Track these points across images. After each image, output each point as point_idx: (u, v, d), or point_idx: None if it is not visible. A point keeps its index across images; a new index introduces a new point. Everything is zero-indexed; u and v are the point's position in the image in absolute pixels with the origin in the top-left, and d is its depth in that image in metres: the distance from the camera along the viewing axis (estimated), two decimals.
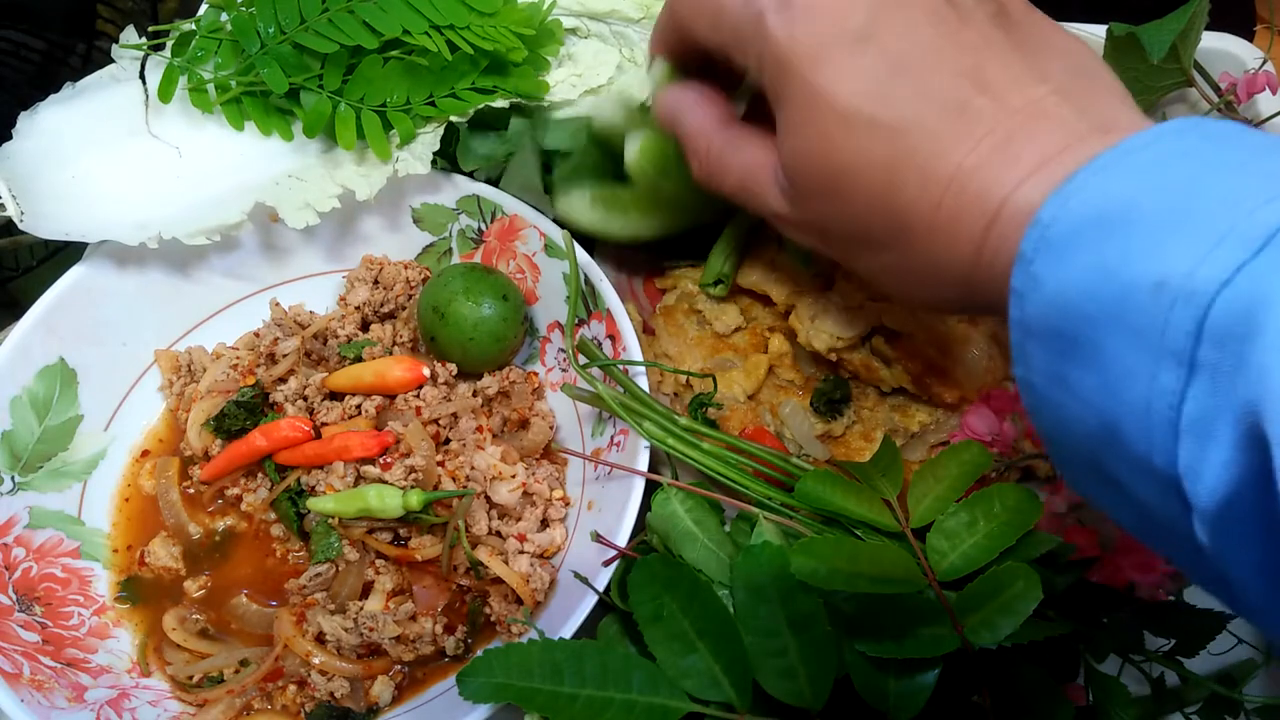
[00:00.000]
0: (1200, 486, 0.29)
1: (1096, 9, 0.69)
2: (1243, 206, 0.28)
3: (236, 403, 0.60)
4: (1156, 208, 0.31)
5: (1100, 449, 0.33)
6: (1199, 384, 0.28)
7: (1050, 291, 0.33)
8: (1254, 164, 0.31)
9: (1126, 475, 0.32)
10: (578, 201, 0.61)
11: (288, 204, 0.60)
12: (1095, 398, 0.32)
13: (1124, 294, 0.30)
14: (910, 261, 0.42)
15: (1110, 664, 0.48)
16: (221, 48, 0.61)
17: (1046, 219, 0.33)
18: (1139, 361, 0.30)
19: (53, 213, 0.58)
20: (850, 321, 0.59)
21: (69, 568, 0.58)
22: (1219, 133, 0.32)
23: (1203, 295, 0.28)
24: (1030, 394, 0.36)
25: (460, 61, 0.61)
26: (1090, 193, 0.33)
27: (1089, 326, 0.31)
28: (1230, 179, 0.30)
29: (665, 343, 0.64)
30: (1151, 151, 0.33)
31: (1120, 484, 0.33)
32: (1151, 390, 0.29)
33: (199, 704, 0.54)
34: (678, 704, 0.43)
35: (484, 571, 0.55)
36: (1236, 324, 0.27)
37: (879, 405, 0.62)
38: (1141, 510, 0.33)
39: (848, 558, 0.44)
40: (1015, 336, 0.35)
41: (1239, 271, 0.27)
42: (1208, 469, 0.28)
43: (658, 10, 0.65)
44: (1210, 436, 0.28)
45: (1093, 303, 0.31)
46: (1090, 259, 0.31)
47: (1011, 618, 0.42)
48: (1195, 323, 0.28)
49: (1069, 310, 0.32)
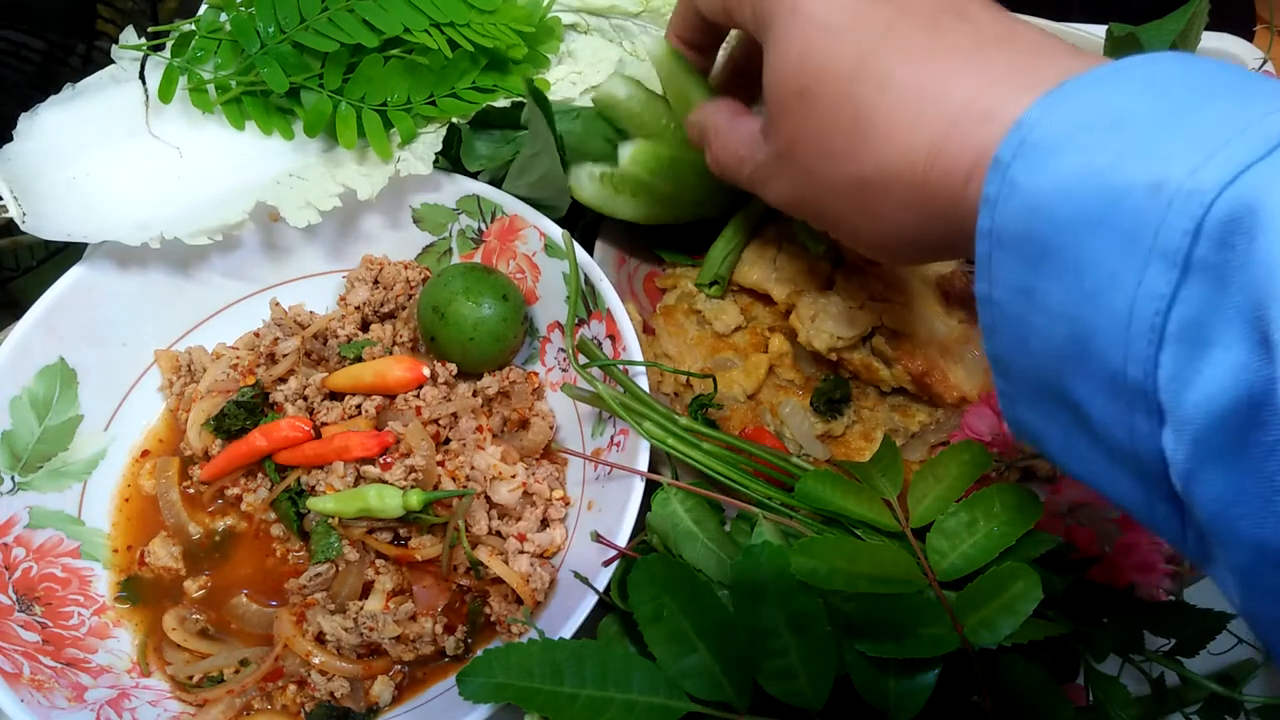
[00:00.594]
0: (1186, 396, 0.28)
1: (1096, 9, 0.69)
2: (1247, 116, 0.28)
3: (236, 403, 0.60)
4: (1155, 115, 0.30)
5: (1060, 367, 0.32)
6: (1193, 285, 0.27)
7: (1027, 196, 0.32)
8: (1251, 85, 0.30)
9: (1086, 395, 0.31)
10: (585, 178, 0.61)
11: (289, 203, 0.60)
12: (1066, 309, 0.31)
13: (1114, 196, 0.29)
14: (866, 172, 0.41)
15: (1110, 664, 0.48)
16: (221, 48, 0.61)
17: (1030, 121, 0.32)
18: (1124, 266, 0.29)
19: (54, 213, 0.58)
20: (851, 321, 0.59)
21: (69, 568, 0.58)
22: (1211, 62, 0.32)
23: (1205, 194, 0.27)
24: (991, 311, 0.35)
25: (460, 59, 0.61)
26: (1080, 100, 0.32)
27: (1068, 232, 0.30)
28: (1230, 94, 0.30)
29: (665, 343, 0.64)
30: (1147, 69, 0.32)
31: (1075, 406, 0.32)
32: (1136, 295, 0.28)
33: (199, 704, 0.54)
34: (678, 704, 0.43)
35: (484, 571, 0.55)
36: (1241, 221, 0.26)
37: (879, 405, 0.62)
38: (1091, 434, 0.32)
39: (848, 558, 0.44)
40: (981, 248, 0.34)
41: (1245, 172, 0.26)
42: (1199, 377, 0.27)
43: (656, 3, 0.65)
44: (1204, 342, 0.27)
45: (1075, 206, 0.30)
46: (1076, 162, 0.30)
47: (1011, 618, 0.42)
48: (1194, 221, 0.27)
49: (1046, 215, 0.31)
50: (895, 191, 0.40)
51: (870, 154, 0.40)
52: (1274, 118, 0.27)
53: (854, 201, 0.43)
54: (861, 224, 0.44)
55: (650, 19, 0.66)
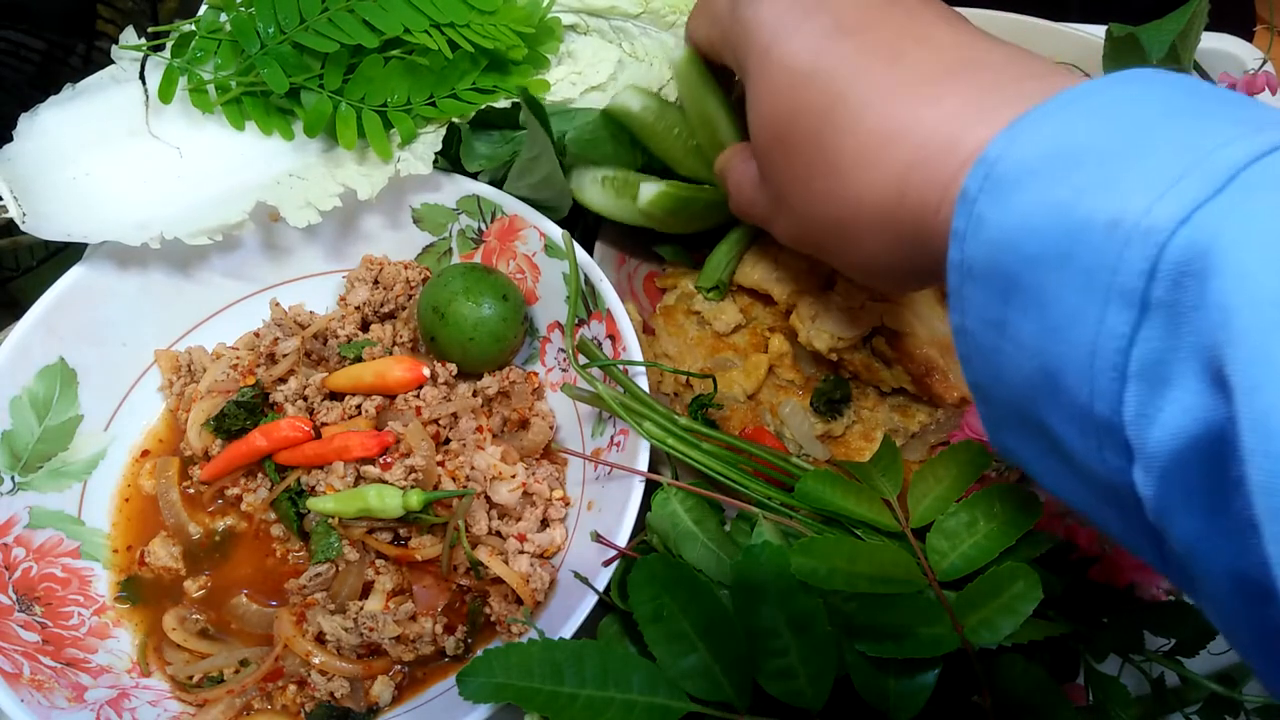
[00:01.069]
0: (1150, 434, 0.28)
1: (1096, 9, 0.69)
2: (1202, 147, 0.28)
3: (236, 403, 0.60)
4: (1112, 147, 0.30)
5: (1034, 398, 0.32)
6: (1151, 326, 0.27)
7: (993, 231, 0.32)
8: (1211, 110, 0.30)
9: (1060, 425, 0.31)
10: (588, 182, 0.61)
11: (289, 203, 0.60)
12: (1035, 342, 0.31)
13: (1074, 232, 0.29)
14: (844, 212, 0.42)
15: (1110, 664, 0.48)
16: (221, 48, 0.61)
17: (993, 156, 0.32)
18: (1086, 303, 0.29)
19: (54, 214, 0.58)
20: (851, 321, 0.59)
21: (69, 568, 0.58)
22: (1174, 81, 0.32)
23: (1159, 233, 0.27)
24: (965, 341, 0.35)
25: (460, 60, 0.61)
26: (1042, 131, 0.32)
27: (1033, 267, 0.30)
28: (1188, 122, 0.29)
29: (665, 343, 0.64)
30: (1106, 95, 0.32)
31: (1052, 435, 0.32)
32: (1098, 333, 0.28)
33: (199, 704, 0.54)
34: (678, 704, 0.43)
35: (484, 571, 0.55)
36: (1194, 262, 0.26)
37: (879, 405, 0.62)
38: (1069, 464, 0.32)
39: (848, 558, 0.44)
40: (953, 281, 0.34)
41: (1198, 210, 0.26)
42: (1161, 415, 0.27)
43: (656, 5, 0.65)
44: (1164, 381, 0.27)
45: (1039, 242, 0.30)
46: (1039, 197, 0.30)
47: (1011, 618, 0.42)
48: (1149, 262, 0.27)
49: (1012, 250, 0.31)
50: (873, 228, 0.41)
51: (844, 194, 0.41)
52: (1227, 150, 0.27)
53: (840, 240, 0.44)
54: (852, 258, 0.45)
55: (650, 20, 0.66)
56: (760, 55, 0.45)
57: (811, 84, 0.42)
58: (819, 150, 0.42)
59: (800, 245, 0.50)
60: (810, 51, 0.42)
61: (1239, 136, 0.27)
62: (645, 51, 0.66)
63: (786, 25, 0.44)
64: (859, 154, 0.40)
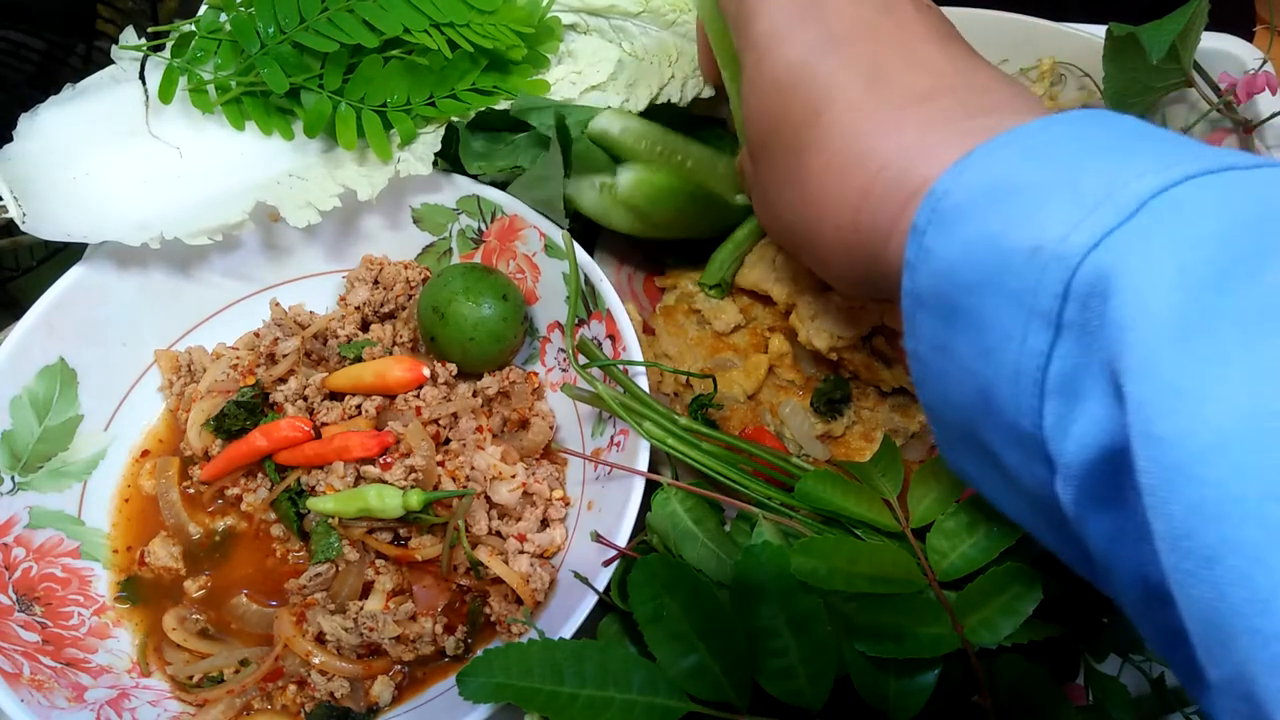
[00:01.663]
0: (1065, 445, 0.30)
1: (1096, 9, 0.69)
2: (1119, 180, 0.29)
3: (236, 403, 0.60)
4: (1041, 181, 0.32)
5: (975, 417, 0.34)
6: (1065, 343, 0.29)
7: (937, 261, 0.34)
8: (1138, 145, 0.32)
9: (997, 442, 0.34)
10: (585, 189, 0.61)
11: (289, 203, 0.60)
12: (972, 364, 0.33)
13: (1004, 260, 0.31)
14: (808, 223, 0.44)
15: (1110, 664, 0.48)
16: (221, 48, 0.61)
17: (940, 191, 0.34)
18: (1013, 324, 0.31)
19: (54, 214, 0.58)
20: (851, 321, 0.59)
21: (69, 568, 0.58)
22: (1112, 120, 0.34)
23: (1071, 258, 0.29)
24: (917, 365, 0.37)
25: (460, 60, 0.61)
26: (983, 167, 0.34)
27: (971, 294, 0.33)
28: (1113, 157, 0.31)
29: (665, 343, 0.64)
30: (1046, 134, 0.34)
31: (992, 452, 0.34)
32: (1022, 352, 0.30)
33: (199, 704, 0.54)
34: (678, 704, 0.43)
35: (484, 571, 0.55)
36: (1099, 283, 0.28)
37: (879, 405, 0.62)
38: (1009, 480, 0.34)
39: (848, 558, 0.44)
40: (906, 306, 0.36)
41: (1107, 236, 0.28)
42: (1074, 427, 0.29)
43: (656, 3, 0.65)
44: (1076, 395, 0.29)
45: (975, 270, 0.32)
46: (976, 229, 0.33)
47: (1011, 618, 0.42)
48: (1063, 284, 0.29)
49: (954, 279, 0.33)
50: (833, 246, 0.43)
51: (808, 207, 0.43)
52: (1142, 181, 0.29)
53: (808, 250, 0.46)
54: (816, 263, 0.47)
55: (650, 19, 0.66)
56: (754, 56, 0.46)
57: (795, 95, 0.43)
58: (796, 160, 0.44)
59: (779, 241, 0.52)
60: (799, 62, 0.43)
61: (1153, 169, 0.29)
62: (645, 50, 0.66)
63: (780, 29, 0.44)
64: (824, 173, 0.42)
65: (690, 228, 0.64)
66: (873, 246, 0.40)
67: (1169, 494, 0.25)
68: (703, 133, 0.73)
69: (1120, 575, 0.31)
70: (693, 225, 0.64)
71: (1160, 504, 0.25)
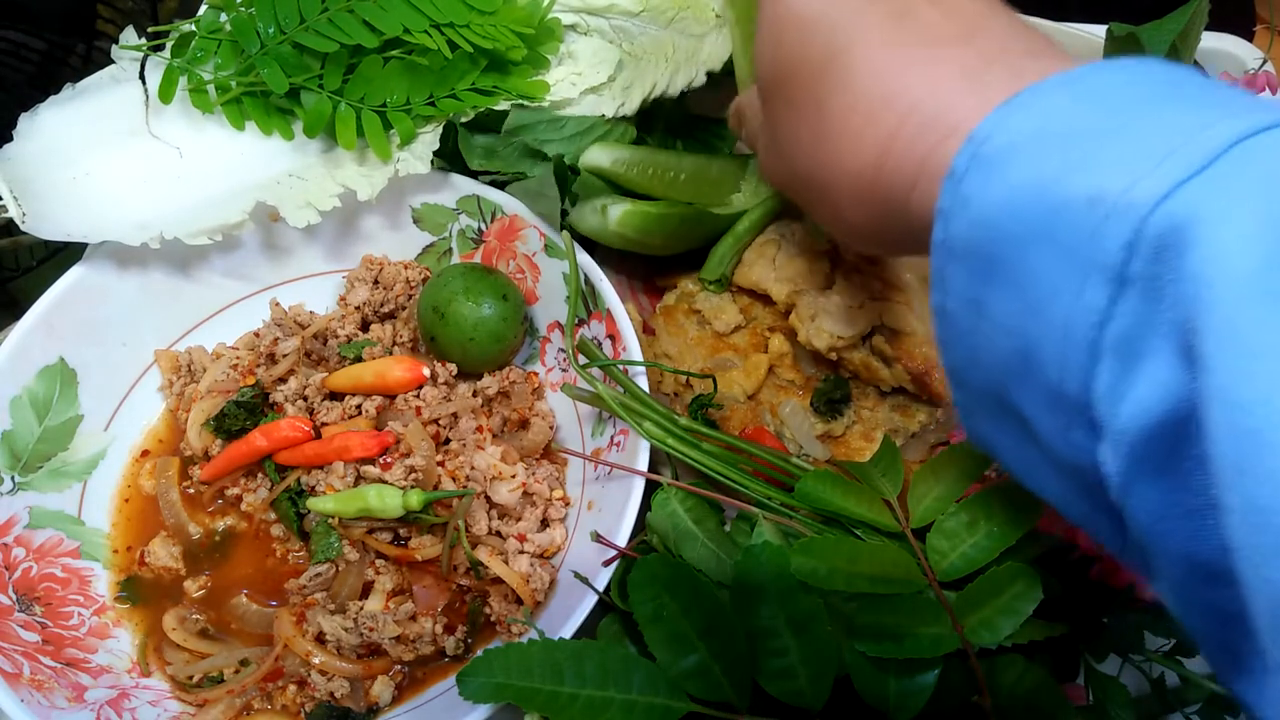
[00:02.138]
0: (1119, 410, 0.28)
1: (1096, 9, 0.69)
2: (1187, 128, 0.28)
3: (236, 403, 0.60)
4: (1099, 128, 0.30)
5: (1008, 379, 0.32)
6: (1128, 300, 0.27)
7: (976, 210, 0.32)
8: (1200, 96, 0.30)
9: (1031, 405, 0.32)
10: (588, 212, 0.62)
11: (289, 203, 0.60)
12: (1011, 321, 0.31)
13: (1056, 209, 0.29)
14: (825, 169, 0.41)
15: (1110, 664, 0.48)
16: (221, 48, 0.61)
17: (982, 135, 0.32)
18: (1064, 279, 0.29)
19: (54, 214, 0.58)
20: (850, 320, 0.59)
21: (69, 568, 0.58)
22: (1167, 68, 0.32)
23: (1140, 209, 0.27)
24: (944, 322, 0.35)
25: (460, 60, 0.61)
26: (1031, 112, 0.32)
27: (1015, 245, 0.31)
28: (1176, 106, 0.30)
29: (665, 343, 0.64)
30: (1099, 79, 0.32)
31: (1023, 417, 0.32)
32: (1074, 308, 0.28)
33: (199, 704, 0.54)
34: (678, 704, 0.43)
35: (484, 571, 0.55)
36: (1173, 236, 0.26)
37: (879, 405, 0.62)
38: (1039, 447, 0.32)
39: (848, 558, 0.44)
40: (936, 260, 0.34)
41: (1180, 187, 0.27)
42: (1132, 391, 0.27)
43: (656, 3, 0.65)
44: (1137, 355, 0.27)
45: (1021, 220, 0.30)
46: (1023, 176, 0.30)
47: (1011, 618, 0.42)
48: (1129, 237, 0.27)
49: (996, 229, 0.31)
50: (850, 190, 0.40)
51: (827, 152, 0.41)
52: (1212, 131, 0.27)
53: (821, 200, 0.43)
54: (832, 220, 0.44)
55: (650, 19, 0.66)
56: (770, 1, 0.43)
57: (816, 35, 0.41)
58: (813, 104, 0.41)
59: (786, 192, 0.48)
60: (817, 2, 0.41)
61: (1225, 118, 0.27)
62: (644, 50, 0.66)
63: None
64: (846, 116, 0.39)
65: (683, 242, 0.65)
66: (895, 194, 0.38)
67: (1246, 464, 0.23)
68: (700, 132, 0.74)
69: (1162, 552, 0.29)
70: (685, 241, 0.65)
71: (1235, 475, 0.24)
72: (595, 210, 0.60)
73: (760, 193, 0.66)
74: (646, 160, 0.62)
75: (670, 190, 0.63)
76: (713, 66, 0.68)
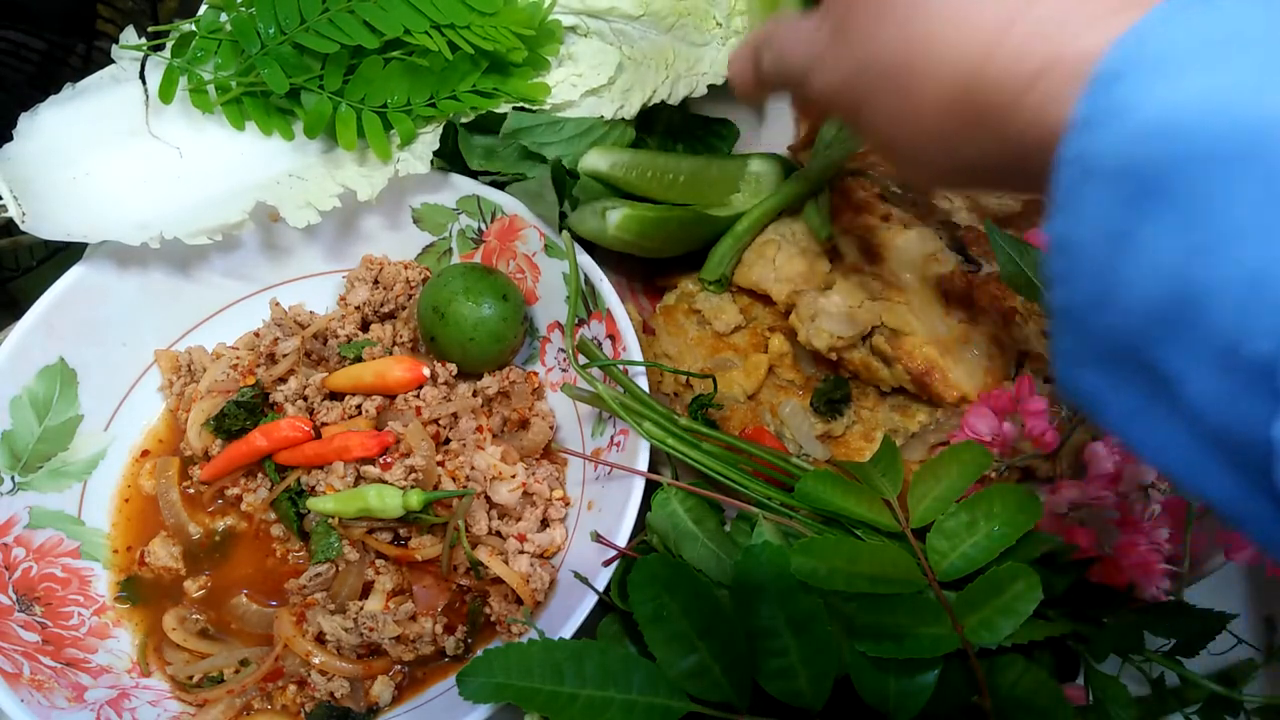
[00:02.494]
0: None
1: None
2: None
3: (236, 403, 0.60)
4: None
5: (1151, 330, 0.27)
6: None
7: (1137, 122, 0.26)
8: None
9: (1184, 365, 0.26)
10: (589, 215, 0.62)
11: (289, 203, 0.60)
12: (1173, 260, 0.26)
13: (1250, 131, 0.24)
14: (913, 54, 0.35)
15: (1110, 664, 0.48)
16: (221, 48, 0.61)
17: (1145, 31, 0.26)
18: (1260, 216, 0.23)
19: (54, 213, 0.58)
20: (850, 321, 0.59)
21: (69, 568, 0.58)
22: None
23: None
24: (1069, 255, 0.29)
25: (460, 62, 0.61)
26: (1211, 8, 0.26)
27: (1188, 169, 0.25)
28: None
29: (665, 343, 0.64)
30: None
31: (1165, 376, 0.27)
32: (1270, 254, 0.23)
33: (199, 704, 0.54)
34: (678, 704, 0.43)
35: (484, 571, 0.55)
36: None
37: (879, 405, 0.62)
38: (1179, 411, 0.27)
39: (848, 558, 0.44)
40: (1067, 177, 0.28)
41: None
42: None
43: (656, 6, 0.65)
44: None
45: (1200, 139, 0.25)
46: (1206, 84, 0.25)
47: (1011, 618, 0.42)
48: None
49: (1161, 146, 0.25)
50: (940, 85, 0.34)
51: (920, 33, 0.34)
52: None
53: (895, 90, 0.36)
54: (899, 122, 0.37)
55: (650, 22, 0.66)
56: None
57: None
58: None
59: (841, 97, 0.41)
60: None
61: None
62: (643, 54, 0.66)
63: None
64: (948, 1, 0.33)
65: (682, 245, 0.65)
66: (1003, 92, 0.32)
67: None
68: (700, 132, 0.74)
69: None
70: (684, 244, 0.65)
71: None
72: (594, 214, 0.60)
73: (760, 193, 0.66)
74: (645, 163, 0.62)
75: (669, 192, 0.63)
76: (714, 79, 0.68)
